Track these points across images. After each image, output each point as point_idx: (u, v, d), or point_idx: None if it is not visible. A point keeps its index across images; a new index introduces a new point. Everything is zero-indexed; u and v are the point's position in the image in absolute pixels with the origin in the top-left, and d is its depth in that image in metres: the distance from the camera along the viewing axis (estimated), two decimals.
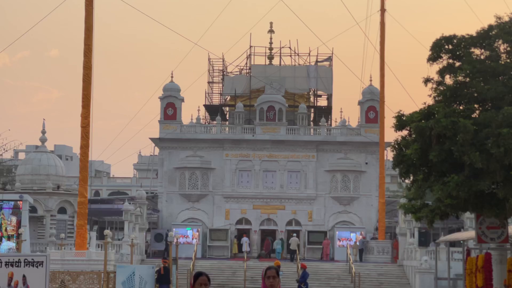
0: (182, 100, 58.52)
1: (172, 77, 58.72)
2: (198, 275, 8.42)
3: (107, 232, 31.38)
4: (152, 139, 58.22)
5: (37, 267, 14.61)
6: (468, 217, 38.64)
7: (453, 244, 41.55)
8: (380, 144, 52.89)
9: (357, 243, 51.27)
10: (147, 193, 58.68)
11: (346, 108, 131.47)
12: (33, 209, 45.36)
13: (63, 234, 42.03)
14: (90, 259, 35.61)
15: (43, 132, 48.89)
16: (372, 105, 57.21)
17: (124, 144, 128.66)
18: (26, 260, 14.69)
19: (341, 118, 62.04)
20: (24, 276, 14.50)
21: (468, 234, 32.36)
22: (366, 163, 56.77)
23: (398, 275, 45.49)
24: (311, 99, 65.26)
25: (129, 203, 46.24)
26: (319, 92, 64.54)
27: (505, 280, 22.29)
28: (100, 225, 60.40)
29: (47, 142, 50.61)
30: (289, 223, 57.04)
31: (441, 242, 40.28)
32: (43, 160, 49.19)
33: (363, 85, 58.37)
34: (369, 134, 56.46)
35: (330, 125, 61.72)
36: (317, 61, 63.46)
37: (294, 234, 52.36)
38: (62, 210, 48.59)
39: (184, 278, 42.68)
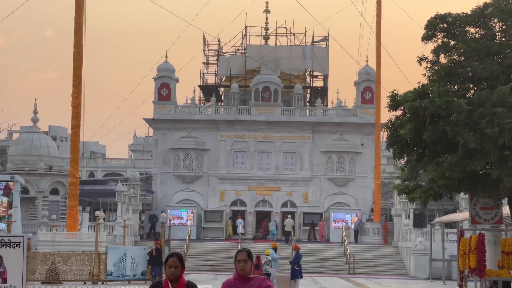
0: (177, 80, 58.07)
1: (166, 57, 58.24)
2: (169, 256, 7.81)
3: (98, 213, 31.05)
4: (146, 120, 57.83)
5: (14, 248, 14.20)
6: (463, 198, 38.32)
7: (449, 225, 41.35)
8: (376, 125, 52.54)
9: (350, 226, 51.00)
10: (141, 174, 58.36)
11: (342, 89, 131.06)
12: (25, 190, 44.98)
13: (55, 215, 41.68)
14: (81, 240, 35.28)
15: (35, 112, 48.40)
16: (368, 85, 56.78)
17: (117, 125, 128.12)
18: (2, 241, 14.24)
19: (337, 99, 61.68)
20: (0, 257, 14.10)
21: (463, 215, 32.13)
22: (362, 144, 56.45)
23: (393, 257, 45.30)
24: (307, 79, 64.81)
25: (123, 184, 45.87)
26: (315, 73, 64.10)
27: (498, 261, 22.04)
28: (95, 206, 60.06)
29: (42, 123, 50.41)
30: (284, 204, 56.79)
31: (436, 223, 40.11)
32: (35, 141, 48.71)
33: (360, 66, 57.96)
34: (365, 115, 56.10)
35: (326, 106, 61.33)
36: (313, 42, 62.97)
37: (289, 216, 52.12)
38: (54, 191, 48.19)
39: None
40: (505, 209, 24.68)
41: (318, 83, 65.25)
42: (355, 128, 56.72)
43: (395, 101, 23.57)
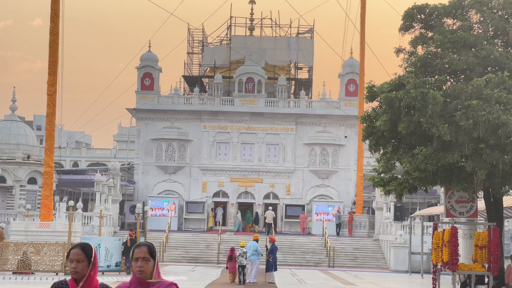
0: (160, 70, 57.67)
1: (149, 46, 57.80)
2: (71, 248, 5.82)
3: (72, 202, 30.65)
4: (129, 110, 57.41)
5: None
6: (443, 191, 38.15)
7: (432, 218, 41.16)
8: (359, 118, 52.23)
9: (333, 218, 50.83)
10: (123, 164, 57.96)
11: (328, 81, 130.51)
12: (1, 179, 44.50)
13: (29, 204, 41.24)
14: (55, 230, 34.87)
15: (13, 100, 47.88)
16: (352, 78, 56.57)
17: (98, 114, 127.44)
18: None
19: (324, 91, 61.41)
20: None
21: (442, 208, 31.91)
22: (345, 137, 56.23)
23: (373, 249, 45.17)
24: (292, 71, 64.49)
25: (102, 174, 45.46)
26: (300, 65, 63.80)
27: (472, 255, 21.84)
28: (77, 196, 59.64)
29: (28, 112, 49.74)
30: (266, 196, 56.57)
31: (416, 216, 39.97)
32: (13, 129, 48.22)
33: (344, 58, 57.72)
34: (349, 107, 55.91)
35: (311, 98, 61.05)
36: (298, 33, 62.62)
37: (270, 208, 51.87)
38: (32, 181, 47.73)
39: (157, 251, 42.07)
40: (481, 203, 24.48)
41: (303, 75, 64.99)
42: (339, 121, 56.51)
43: (372, 93, 23.27)
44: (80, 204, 41.00)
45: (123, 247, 30.26)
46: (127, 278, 28.22)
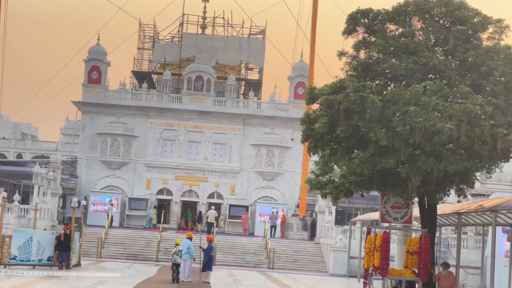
0: (108, 64, 56.95)
1: (98, 39, 57.02)
2: None
3: (5, 194, 29.89)
4: (74, 103, 56.58)
5: None
6: None
7: (375, 223, 41.32)
8: None
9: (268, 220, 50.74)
10: (67, 158, 57.04)
11: (278, 83, 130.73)
12: None
13: None
14: None
15: None
16: (301, 81, 56.71)
17: (41, 105, 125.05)
18: None
19: (274, 93, 61.46)
20: None
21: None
22: (292, 139, 56.27)
23: (314, 253, 45.21)
24: (242, 71, 64.37)
25: (42, 167, 44.60)
26: (251, 65, 63.77)
27: (404, 261, 21.91)
28: (18, 188, 58.45)
29: None
30: (211, 195, 56.34)
31: (356, 221, 40.13)
32: None
33: (294, 61, 57.87)
34: (297, 110, 55.96)
35: (260, 99, 61.03)
36: (250, 34, 62.53)
37: (213, 207, 51.59)
38: None
39: (94, 246, 41.54)
40: (417, 209, 24.59)
41: (253, 75, 64.98)
42: (286, 123, 56.58)
43: (312, 95, 23.20)
44: (17, 196, 40.13)
45: (56, 241, 29.65)
46: (58, 273, 27.69)
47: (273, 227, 49.85)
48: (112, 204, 51.36)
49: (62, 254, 29.34)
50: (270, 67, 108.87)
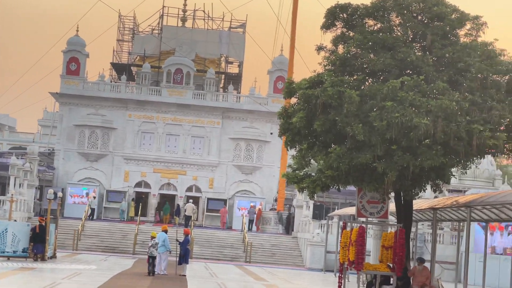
0: (87, 55, 56.60)
1: (77, 30, 56.63)
2: None
3: None
4: (52, 94, 56.19)
5: None
6: None
7: (353, 218, 41.47)
8: None
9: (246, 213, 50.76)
10: (45, 149, 56.66)
11: (259, 77, 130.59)
12: None
13: None
14: None
15: None
16: (280, 75, 56.70)
17: (18, 97, 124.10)
18: None
19: (254, 87, 61.40)
20: None
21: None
22: (271, 134, 56.27)
23: (291, 247, 45.29)
24: (222, 65, 64.25)
25: (18, 158, 44.26)
26: (231, 59, 63.65)
27: (379, 255, 22.00)
28: None
29: None
30: (189, 189, 56.25)
31: (334, 216, 40.25)
32: None
33: (274, 55, 57.88)
34: (276, 104, 55.83)
35: (239, 92, 60.96)
36: (230, 27, 62.39)
37: (191, 200, 51.52)
38: None
39: (70, 238, 41.34)
40: (392, 205, 24.69)
41: (233, 69, 64.85)
42: (266, 117, 56.57)
43: (290, 89, 23.18)
44: None
45: (31, 233, 29.45)
46: (33, 265, 27.50)
47: (251, 221, 49.90)
48: (94, 197, 51.12)
49: (37, 246, 29.16)
50: (250, 61, 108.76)
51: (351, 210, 35.20)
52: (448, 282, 31.76)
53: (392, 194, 23.68)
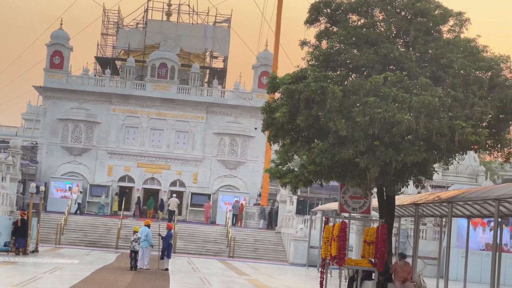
0: (71, 49, 56.33)
1: (61, 24, 56.32)
2: None
3: None
4: (36, 87, 55.88)
5: None
6: None
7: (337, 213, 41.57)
8: None
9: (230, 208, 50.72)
10: (28, 143, 56.35)
11: (244, 72, 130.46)
12: None
13: None
14: None
15: None
16: (265, 70, 56.65)
17: (1, 90, 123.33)
18: None
19: (239, 81, 61.31)
20: None
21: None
22: (256, 129, 56.09)
23: (274, 242, 45.33)
24: (207, 60, 64.13)
25: (0, 151, 44.03)
26: (215, 54, 63.57)
27: (361, 250, 22.06)
28: None
29: None
30: (173, 183, 56.15)
31: (317, 211, 40.31)
32: None
33: (259, 50, 57.85)
34: (261, 99, 55.83)
35: (224, 87, 60.88)
36: (215, 22, 62.27)
37: (174, 195, 51.44)
38: None
39: (53, 233, 41.17)
40: (375, 200, 24.75)
41: (218, 64, 64.80)
42: (250, 112, 56.53)
43: (274, 84, 23.15)
44: None
45: (13, 227, 29.29)
46: (15, 259, 27.35)
47: (235, 216, 49.88)
48: (81, 192, 50.91)
49: (19, 240, 29.01)
50: (235, 56, 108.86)
51: (335, 206, 35.22)
52: (430, 277, 31.92)
53: (375, 189, 23.72)
